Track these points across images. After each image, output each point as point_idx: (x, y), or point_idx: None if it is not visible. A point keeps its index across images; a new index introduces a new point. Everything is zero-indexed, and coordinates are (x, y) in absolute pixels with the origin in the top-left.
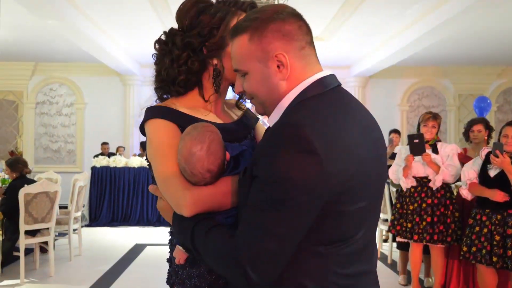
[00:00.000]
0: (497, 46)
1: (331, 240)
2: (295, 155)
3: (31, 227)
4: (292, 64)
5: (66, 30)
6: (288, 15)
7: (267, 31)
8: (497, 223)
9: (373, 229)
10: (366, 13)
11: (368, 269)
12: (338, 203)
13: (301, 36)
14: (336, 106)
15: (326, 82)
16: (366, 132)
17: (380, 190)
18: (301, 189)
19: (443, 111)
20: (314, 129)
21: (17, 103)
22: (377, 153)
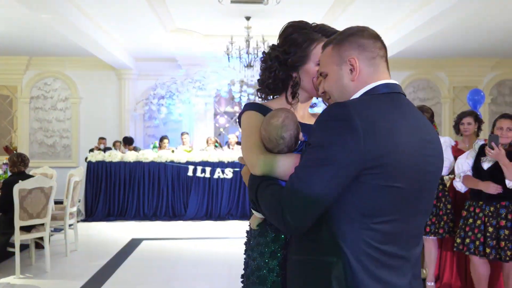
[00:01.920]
0: (491, 39)
1: (365, 210)
2: (337, 127)
3: (26, 223)
4: (362, 69)
5: (60, 24)
6: (366, 33)
7: (346, 42)
8: (490, 215)
9: (413, 225)
10: (360, 6)
11: (406, 256)
12: (371, 175)
13: (374, 49)
14: (386, 102)
15: (385, 87)
16: (413, 129)
17: (423, 184)
18: (340, 154)
19: (438, 103)
20: (357, 110)
21: (11, 98)
22: (423, 151)
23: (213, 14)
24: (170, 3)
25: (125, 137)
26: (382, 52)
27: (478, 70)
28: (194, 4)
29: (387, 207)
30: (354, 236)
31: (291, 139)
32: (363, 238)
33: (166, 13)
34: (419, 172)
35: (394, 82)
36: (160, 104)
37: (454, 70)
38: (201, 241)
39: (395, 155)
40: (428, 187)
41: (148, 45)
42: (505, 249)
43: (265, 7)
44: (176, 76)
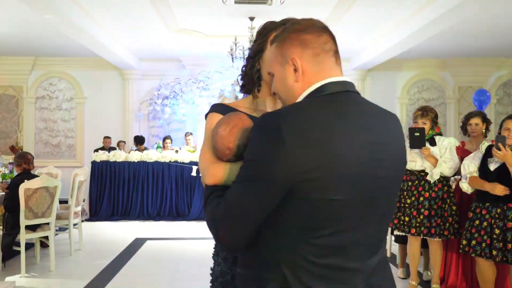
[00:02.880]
0: (496, 38)
1: (302, 225)
2: (266, 140)
3: (31, 222)
4: (306, 68)
5: (65, 25)
6: (309, 26)
7: (287, 39)
8: (497, 216)
9: (366, 234)
10: (364, 6)
11: (357, 267)
12: (303, 190)
13: (317, 45)
14: (327, 105)
15: (332, 86)
16: (358, 133)
17: (373, 192)
18: (269, 170)
19: (443, 103)
20: (287, 120)
21: (17, 98)
22: (372, 156)
23: (217, 15)
24: (173, 4)
25: (137, 136)
26: (328, 46)
27: (483, 70)
28: (198, 4)
29: (327, 221)
30: (291, 251)
31: (239, 149)
32: (301, 253)
33: (170, 13)
34: (366, 180)
35: (342, 80)
36: (164, 104)
37: (459, 70)
38: (204, 241)
39: (330, 167)
40: (382, 193)
41: (152, 45)
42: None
43: (269, 8)
44: (180, 77)
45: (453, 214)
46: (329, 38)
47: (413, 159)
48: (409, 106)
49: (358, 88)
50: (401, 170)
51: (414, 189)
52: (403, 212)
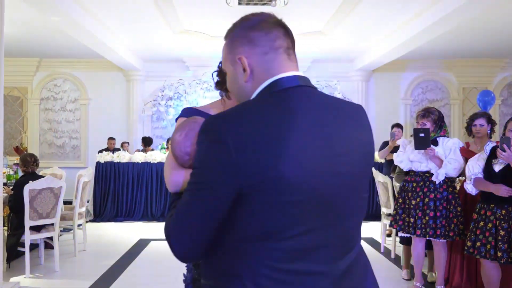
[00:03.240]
0: (501, 39)
1: (258, 230)
2: (208, 145)
3: (36, 222)
4: (254, 68)
5: (69, 27)
6: (258, 23)
7: (236, 37)
8: (502, 218)
9: (332, 235)
10: (369, 7)
11: (323, 271)
12: (253, 194)
13: (265, 42)
14: (274, 103)
15: (279, 84)
16: (310, 129)
17: (334, 190)
18: (214, 177)
19: (447, 104)
20: (229, 124)
21: (22, 99)
22: (327, 152)
23: (220, 16)
24: (177, 5)
25: (144, 137)
26: (278, 43)
27: (488, 71)
28: (202, 5)
29: (285, 224)
30: (250, 259)
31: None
32: (261, 260)
33: (174, 14)
34: (322, 178)
35: (293, 75)
36: (168, 105)
37: (463, 71)
38: None
39: (278, 168)
40: (343, 191)
41: (156, 47)
42: None
43: (273, 9)
44: (184, 78)
45: (458, 215)
46: (280, 34)
47: (418, 160)
48: (413, 107)
49: (363, 89)
50: (365, 164)
51: (419, 190)
52: (407, 214)
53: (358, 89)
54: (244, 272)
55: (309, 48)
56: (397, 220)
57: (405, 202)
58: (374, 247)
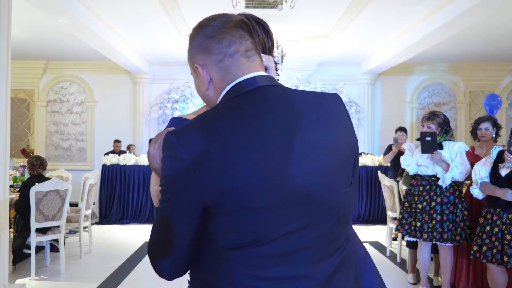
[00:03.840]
0: (508, 43)
1: (233, 240)
2: (168, 161)
3: (41, 225)
4: (212, 76)
5: (76, 29)
6: (210, 29)
7: (193, 45)
8: (508, 222)
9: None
10: (375, 10)
11: (306, 274)
12: (219, 204)
13: (219, 50)
14: (230, 110)
15: (237, 88)
16: (274, 130)
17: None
18: (176, 191)
19: (453, 108)
20: (182, 137)
21: (29, 101)
22: (294, 150)
23: None
24: (184, 8)
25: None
26: (233, 49)
27: (495, 74)
28: (208, 8)
29: (257, 231)
30: (226, 269)
31: None
32: (236, 269)
33: (181, 17)
34: (288, 179)
35: (252, 76)
36: (174, 108)
37: (470, 74)
38: None
39: (238, 175)
40: (317, 189)
41: (162, 50)
42: None
43: (279, 12)
44: (190, 81)
45: (465, 219)
46: (235, 38)
47: (425, 164)
48: (419, 110)
49: (369, 92)
50: (341, 157)
51: (425, 194)
52: (414, 218)
53: (364, 92)
54: (221, 283)
55: (316, 51)
56: (403, 224)
57: (411, 206)
58: (380, 251)
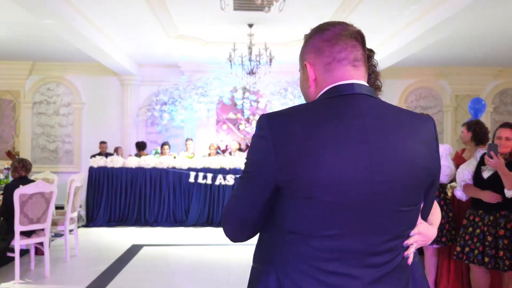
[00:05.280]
0: (494, 47)
1: (296, 225)
2: (256, 138)
3: (26, 227)
4: (318, 75)
5: (63, 30)
6: (327, 33)
7: (307, 44)
8: (490, 224)
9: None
10: (363, 14)
11: (350, 274)
12: (289, 189)
13: (330, 53)
14: (318, 108)
15: (333, 91)
16: (353, 136)
17: (371, 196)
18: (256, 166)
19: (440, 111)
20: (274, 121)
21: (14, 103)
22: (369, 159)
23: (215, 21)
24: (173, 10)
25: (138, 142)
26: (343, 55)
27: (481, 79)
28: (197, 11)
29: (316, 223)
30: (284, 251)
31: None
32: (295, 253)
33: (169, 19)
34: (356, 183)
35: (350, 83)
36: (162, 110)
37: (457, 78)
38: (202, 248)
39: (312, 170)
40: (379, 199)
41: (151, 52)
42: (503, 259)
43: (268, 15)
44: (178, 83)
45: (450, 221)
46: (347, 46)
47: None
48: None
49: None
50: (411, 177)
51: None
52: None
53: None
54: (276, 262)
55: None
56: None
57: None
58: None
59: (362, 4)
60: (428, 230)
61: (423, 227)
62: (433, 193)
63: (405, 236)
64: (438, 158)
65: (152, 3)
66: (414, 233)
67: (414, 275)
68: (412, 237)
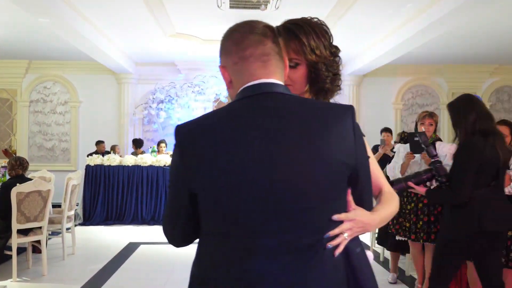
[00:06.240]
0: (490, 45)
1: (212, 229)
2: (173, 147)
3: (23, 226)
4: (232, 77)
5: (60, 28)
6: (232, 33)
7: (220, 47)
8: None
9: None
10: (359, 12)
11: (271, 272)
12: (199, 195)
13: (235, 53)
14: (222, 113)
15: (243, 93)
16: (251, 137)
17: (272, 195)
18: (172, 175)
19: (437, 109)
20: (181, 130)
21: (11, 101)
22: (268, 158)
23: (212, 19)
24: (169, 8)
25: (135, 139)
26: (249, 52)
27: (477, 76)
28: (194, 9)
29: (218, 223)
30: (202, 251)
31: None
32: (211, 254)
33: (166, 18)
34: (256, 184)
35: (257, 83)
36: (159, 108)
37: (453, 76)
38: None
39: (211, 177)
40: (283, 198)
41: (148, 50)
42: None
43: (264, 13)
44: (175, 81)
45: None
46: (252, 42)
47: (413, 164)
48: (404, 111)
49: (354, 93)
50: (316, 172)
51: (413, 195)
52: (404, 218)
53: (349, 93)
54: (196, 263)
55: None
56: (394, 224)
57: (401, 207)
58: None
59: (358, 2)
60: (364, 216)
61: (357, 213)
62: (364, 184)
63: (331, 229)
64: (360, 149)
65: (149, 2)
66: (344, 219)
67: (359, 266)
68: (339, 227)
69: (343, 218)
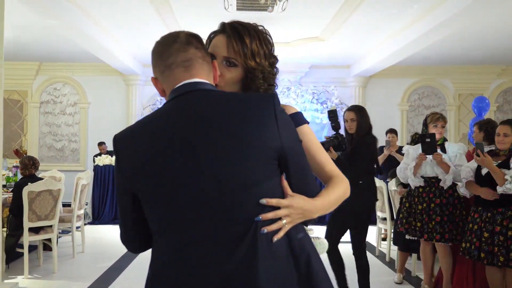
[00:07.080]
0: (497, 46)
1: (153, 227)
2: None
3: (34, 224)
4: (164, 86)
5: (69, 30)
6: (158, 44)
7: (152, 62)
8: (487, 220)
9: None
10: (366, 13)
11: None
12: (138, 195)
13: (160, 62)
14: (156, 115)
15: (169, 96)
16: (170, 134)
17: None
18: (115, 180)
19: (443, 110)
20: (116, 138)
21: (22, 103)
22: (188, 152)
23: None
24: (176, 10)
25: None
26: (171, 60)
27: (484, 77)
28: (201, 11)
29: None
30: (153, 249)
31: None
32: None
33: (173, 20)
34: (178, 185)
35: (180, 85)
36: None
37: (460, 77)
38: None
39: (142, 174)
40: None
41: None
42: (497, 255)
43: (271, 15)
44: None
45: (464, 219)
46: (173, 50)
47: (424, 165)
48: (410, 112)
49: (360, 94)
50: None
51: (425, 195)
52: (414, 218)
53: (355, 94)
54: (151, 261)
55: (307, 53)
56: (403, 223)
57: (411, 207)
58: (369, 251)
59: (365, 3)
60: (303, 203)
61: (294, 200)
62: (296, 168)
63: (250, 217)
64: (286, 134)
65: (157, 4)
66: (276, 204)
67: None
68: (274, 212)
69: (274, 203)
